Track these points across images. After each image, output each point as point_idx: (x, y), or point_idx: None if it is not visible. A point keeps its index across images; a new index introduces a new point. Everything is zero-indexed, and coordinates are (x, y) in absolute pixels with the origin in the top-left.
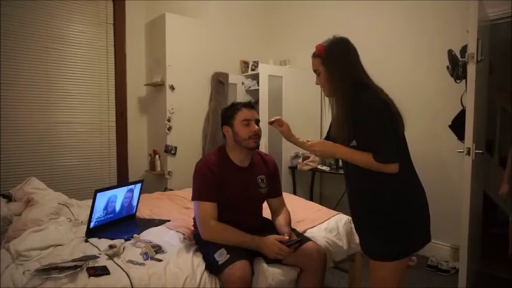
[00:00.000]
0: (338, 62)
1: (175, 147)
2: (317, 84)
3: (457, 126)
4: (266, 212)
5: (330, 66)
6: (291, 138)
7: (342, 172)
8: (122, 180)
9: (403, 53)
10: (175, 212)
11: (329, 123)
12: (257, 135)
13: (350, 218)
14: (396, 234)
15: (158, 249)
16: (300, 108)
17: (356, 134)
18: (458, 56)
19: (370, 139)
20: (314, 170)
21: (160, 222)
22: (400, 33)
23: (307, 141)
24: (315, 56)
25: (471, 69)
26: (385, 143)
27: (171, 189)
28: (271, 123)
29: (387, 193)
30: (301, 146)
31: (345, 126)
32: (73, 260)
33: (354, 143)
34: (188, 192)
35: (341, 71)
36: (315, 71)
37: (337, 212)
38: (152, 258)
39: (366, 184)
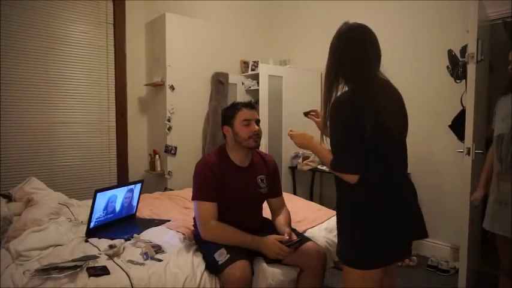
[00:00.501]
0: (331, 49)
1: (175, 147)
2: None
3: (457, 126)
4: (266, 212)
5: (329, 52)
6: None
7: None
8: (122, 180)
9: (403, 53)
10: (175, 212)
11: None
12: (257, 135)
13: None
14: (360, 245)
15: (158, 249)
16: (299, 108)
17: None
18: (458, 56)
19: (332, 143)
20: (314, 170)
21: (160, 222)
22: (400, 33)
23: (291, 130)
24: None
25: (471, 69)
26: (343, 151)
27: (171, 189)
28: (306, 114)
29: (351, 201)
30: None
31: (325, 122)
32: (73, 260)
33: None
34: (188, 192)
35: (330, 59)
36: None
37: None
38: (152, 258)
39: (338, 187)
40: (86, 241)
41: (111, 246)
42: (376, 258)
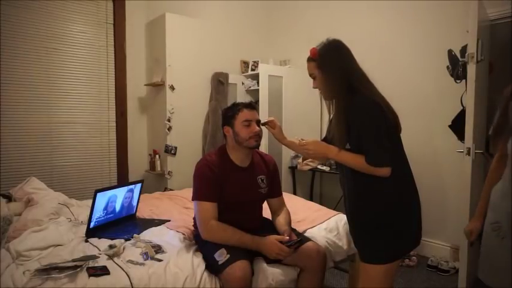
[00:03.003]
0: (332, 65)
1: (175, 147)
2: (314, 88)
3: (457, 126)
4: (266, 212)
5: (324, 69)
6: (283, 140)
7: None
8: (122, 180)
9: (403, 53)
10: (175, 212)
11: (327, 124)
12: (258, 135)
13: None
14: (387, 238)
15: (158, 249)
16: (299, 108)
17: (350, 137)
18: (458, 56)
19: (362, 142)
20: (314, 170)
21: (160, 222)
22: (400, 33)
23: (301, 139)
24: (309, 60)
25: (471, 69)
26: (378, 146)
27: (171, 189)
28: (264, 124)
29: (378, 196)
30: (293, 148)
31: (341, 128)
32: (73, 260)
33: (348, 145)
34: (188, 192)
35: (336, 73)
36: (310, 75)
37: (337, 212)
38: (152, 258)
39: (358, 187)
40: (86, 241)
41: (111, 246)
42: (400, 247)
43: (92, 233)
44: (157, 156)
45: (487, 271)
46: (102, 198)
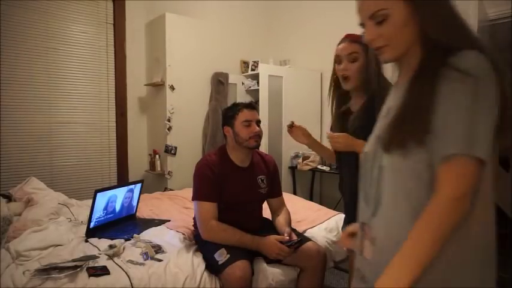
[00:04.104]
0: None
1: (175, 147)
2: (344, 70)
3: None
4: (266, 212)
5: (370, 54)
6: (309, 138)
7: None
8: (122, 180)
9: None
10: (175, 212)
11: (328, 123)
12: (258, 135)
13: None
14: None
15: (158, 249)
16: (299, 108)
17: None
18: None
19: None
20: (314, 170)
21: (160, 222)
22: None
23: (328, 132)
24: (352, 41)
25: None
26: None
27: (171, 189)
28: (290, 126)
29: None
30: (314, 147)
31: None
32: (73, 260)
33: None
34: (188, 192)
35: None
36: (349, 54)
37: (337, 212)
38: (152, 258)
39: None
40: (86, 241)
41: (111, 246)
42: None
43: (92, 233)
44: (157, 156)
45: None
46: (102, 198)
